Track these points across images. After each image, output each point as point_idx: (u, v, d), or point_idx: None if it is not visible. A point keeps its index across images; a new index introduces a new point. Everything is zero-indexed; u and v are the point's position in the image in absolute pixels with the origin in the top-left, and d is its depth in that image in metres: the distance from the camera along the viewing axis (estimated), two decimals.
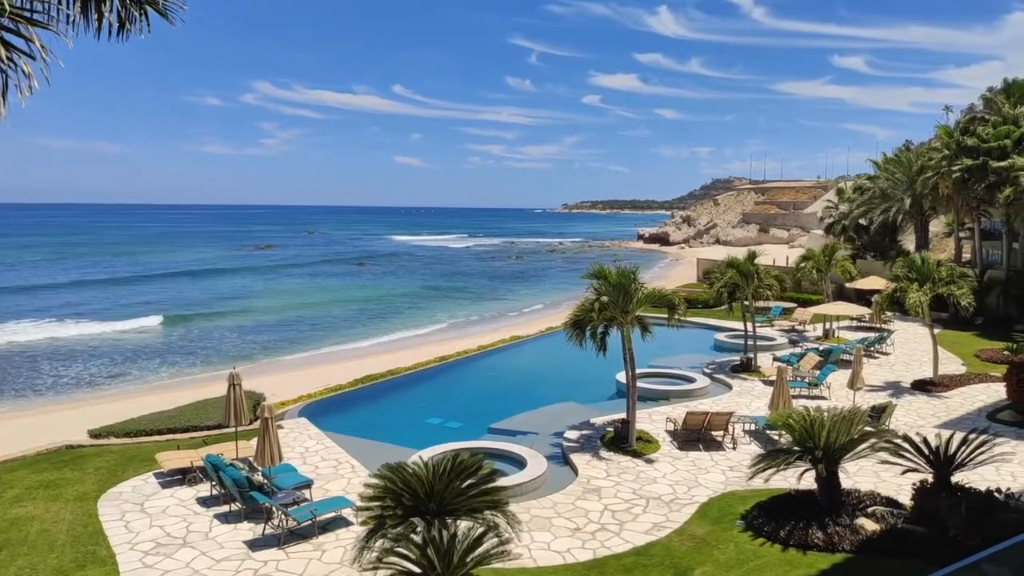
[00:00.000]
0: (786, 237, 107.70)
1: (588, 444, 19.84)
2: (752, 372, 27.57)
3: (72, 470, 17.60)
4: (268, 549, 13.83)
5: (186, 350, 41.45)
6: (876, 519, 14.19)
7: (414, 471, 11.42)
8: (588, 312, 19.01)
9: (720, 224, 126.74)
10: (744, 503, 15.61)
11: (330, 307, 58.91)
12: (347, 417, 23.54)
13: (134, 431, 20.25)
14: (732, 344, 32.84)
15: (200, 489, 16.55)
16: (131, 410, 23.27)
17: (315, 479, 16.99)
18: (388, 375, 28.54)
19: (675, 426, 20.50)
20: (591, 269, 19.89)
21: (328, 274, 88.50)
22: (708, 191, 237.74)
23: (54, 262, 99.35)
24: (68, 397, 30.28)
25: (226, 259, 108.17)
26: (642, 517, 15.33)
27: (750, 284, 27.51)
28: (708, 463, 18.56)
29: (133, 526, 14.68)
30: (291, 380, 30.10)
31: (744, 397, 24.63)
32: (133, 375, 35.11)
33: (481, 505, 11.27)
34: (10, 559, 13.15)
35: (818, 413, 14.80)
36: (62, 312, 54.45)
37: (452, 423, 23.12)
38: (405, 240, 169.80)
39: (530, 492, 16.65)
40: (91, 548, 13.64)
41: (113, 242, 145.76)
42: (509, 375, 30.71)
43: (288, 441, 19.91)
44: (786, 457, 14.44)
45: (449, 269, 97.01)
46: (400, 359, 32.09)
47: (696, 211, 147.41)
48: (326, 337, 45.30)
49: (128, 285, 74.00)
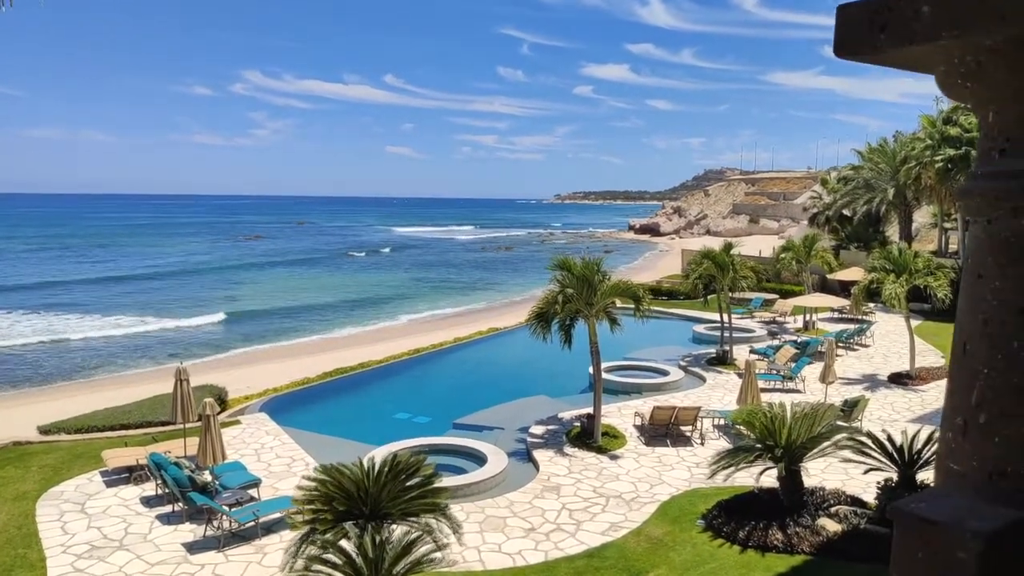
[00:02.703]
0: (776, 228, 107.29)
1: (553, 440, 19.34)
2: (727, 365, 27.12)
3: (16, 468, 17.00)
4: (208, 552, 13.30)
5: (161, 340, 40.84)
6: (839, 519, 13.74)
7: (349, 473, 10.89)
8: (552, 305, 18.47)
9: (711, 215, 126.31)
10: (706, 501, 15.14)
11: (313, 298, 58.29)
12: (311, 412, 22.97)
13: (85, 427, 19.63)
14: (710, 336, 32.36)
15: (146, 488, 15.98)
16: (95, 404, 22.69)
17: (266, 477, 16.47)
18: (359, 368, 27.97)
19: (643, 421, 20.02)
20: (554, 260, 19.35)
21: (314, 264, 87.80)
22: (700, 182, 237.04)
23: (34, 253, 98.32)
24: (23, 392, 29.64)
25: (212, 249, 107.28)
26: (600, 516, 14.84)
27: (726, 275, 26.99)
28: (674, 459, 18.09)
29: (70, 527, 14.12)
30: (263, 373, 29.49)
31: (717, 391, 24.17)
32: (104, 369, 34.52)
33: (417, 508, 10.74)
34: None
35: (780, 410, 14.33)
36: (39, 304, 53.71)
37: (421, 418, 22.62)
38: (395, 230, 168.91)
39: (488, 490, 16.16)
40: (22, 551, 13.07)
41: (98, 233, 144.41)
42: (483, 368, 30.20)
43: (244, 437, 19.37)
44: (746, 455, 13.97)
45: (438, 259, 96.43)
46: (376, 351, 31.53)
47: (687, 202, 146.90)
48: (305, 329, 44.75)
49: (113, 278, 73.17)
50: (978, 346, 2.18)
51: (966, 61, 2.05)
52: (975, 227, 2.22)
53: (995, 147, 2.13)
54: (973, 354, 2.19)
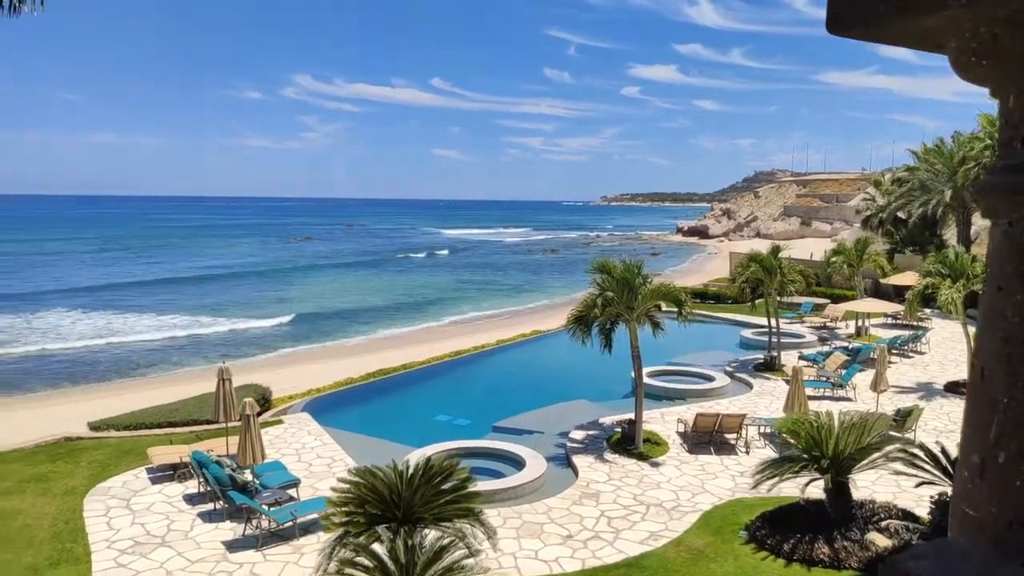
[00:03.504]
0: (828, 231, 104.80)
1: (593, 445, 19.07)
2: (775, 371, 26.44)
3: (66, 463, 17.44)
4: (247, 551, 13.41)
5: (212, 340, 41.74)
6: (890, 534, 13.21)
7: (383, 475, 10.84)
8: (591, 308, 18.22)
9: (761, 217, 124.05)
10: (750, 512, 14.72)
11: (361, 299, 58.96)
12: (353, 413, 23.12)
13: (133, 424, 20.08)
14: (758, 341, 31.65)
15: (189, 486, 16.23)
16: (145, 402, 23.19)
17: (306, 478, 16.57)
18: (402, 369, 28.07)
19: (686, 428, 19.61)
20: (594, 263, 19.08)
21: (362, 266, 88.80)
22: (750, 183, 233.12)
23: (95, 254, 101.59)
24: (79, 389, 30.54)
25: (263, 251, 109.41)
26: (640, 525, 14.54)
27: (773, 279, 26.33)
28: (717, 467, 17.66)
29: (115, 523, 14.40)
30: (308, 372, 29.84)
31: (764, 398, 23.57)
32: (156, 367, 35.40)
33: (450, 513, 10.64)
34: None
35: (828, 419, 13.84)
36: (99, 304, 55.41)
37: (461, 420, 22.56)
38: (443, 232, 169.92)
39: (525, 495, 15.98)
40: (69, 545, 13.36)
41: (155, 235, 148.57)
42: (524, 371, 30.04)
43: (286, 437, 19.56)
44: (791, 465, 13.51)
45: (483, 261, 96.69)
46: (419, 352, 31.62)
47: (737, 204, 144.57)
48: (351, 329, 45.30)
49: (169, 280, 75.11)
50: (996, 371, 1.83)
51: (979, 34, 1.74)
52: (995, 230, 1.88)
53: (1017, 135, 1.79)
54: (991, 381, 1.86)
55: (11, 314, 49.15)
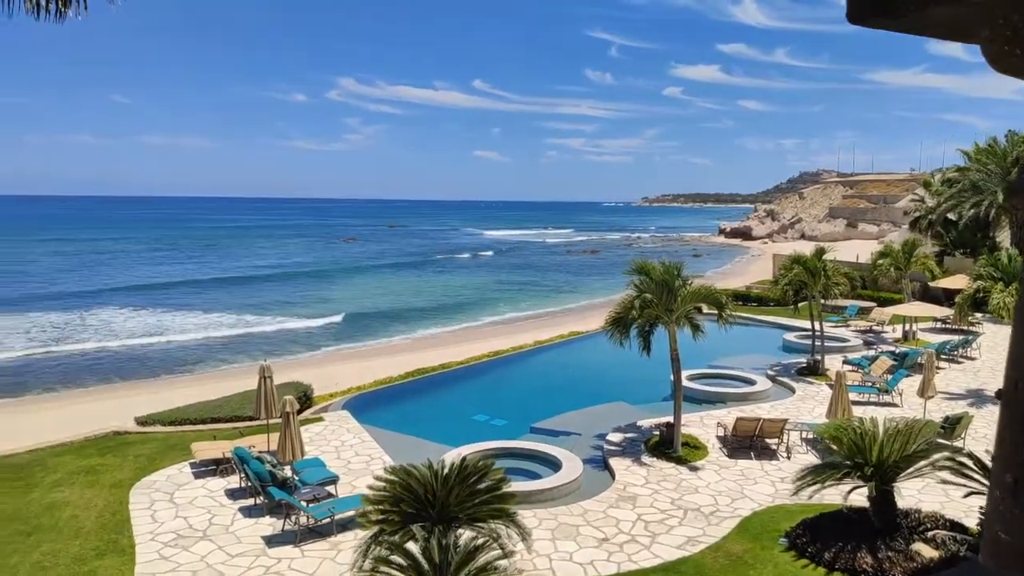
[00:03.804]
0: (875, 233, 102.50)
1: (631, 448, 18.92)
2: (819, 375, 25.91)
3: (114, 456, 17.91)
4: (285, 546, 13.60)
5: (258, 338, 42.52)
6: (936, 545, 12.84)
7: (418, 474, 10.89)
8: (629, 310, 18.07)
9: (806, 218, 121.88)
10: (790, 519, 14.45)
11: (402, 299, 59.53)
12: (392, 411, 23.30)
13: (179, 419, 20.53)
14: (801, 345, 31.06)
15: (231, 481, 16.54)
16: (191, 398, 23.68)
17: (345, 475, 16.74)
18: (440, 369, 28.21)
19: (725, 432, 19.34)
20: (633, 264, 18.93)
21: (404, 266, 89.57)
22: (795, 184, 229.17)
23: (147, 254, 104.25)
24: (129, 384, 31.35)
25: (309, 251, 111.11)
26: (677, 530, 14.38)
27: (817, 282, 25.81)
28: (757, 473, 17.37)
29: (159, 516, 14.74)
30: (349, 371, 30.20)
31: (807, 402, 23.12)
32: (203, 364, 36.21)
33: (485, 513, 10.64)
34: (36, 544, 13.35)
35: (872, 425, 13.51)
36: (151, 303, 56.86)
37: (498, 421, 22.56)
38: (483, 233, 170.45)
39: (561, 497, 15.92)
40: (114, 537, 13.72)
41: (204, 235, 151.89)
42: (562, 372, 29.94)
43: (326, 435, 19.80)
44: (834, 472, 13.22)
45: (523, 262, 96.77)
46: (458, 352, 31.77)
47: (781, 205, 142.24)
48: (392, 329, 45.78)
49: (217, 279, 76.72)
50: None
51: (1013, 22, 1.63)
52: None
53: None
54: None
55: (67, 311, 50.74)
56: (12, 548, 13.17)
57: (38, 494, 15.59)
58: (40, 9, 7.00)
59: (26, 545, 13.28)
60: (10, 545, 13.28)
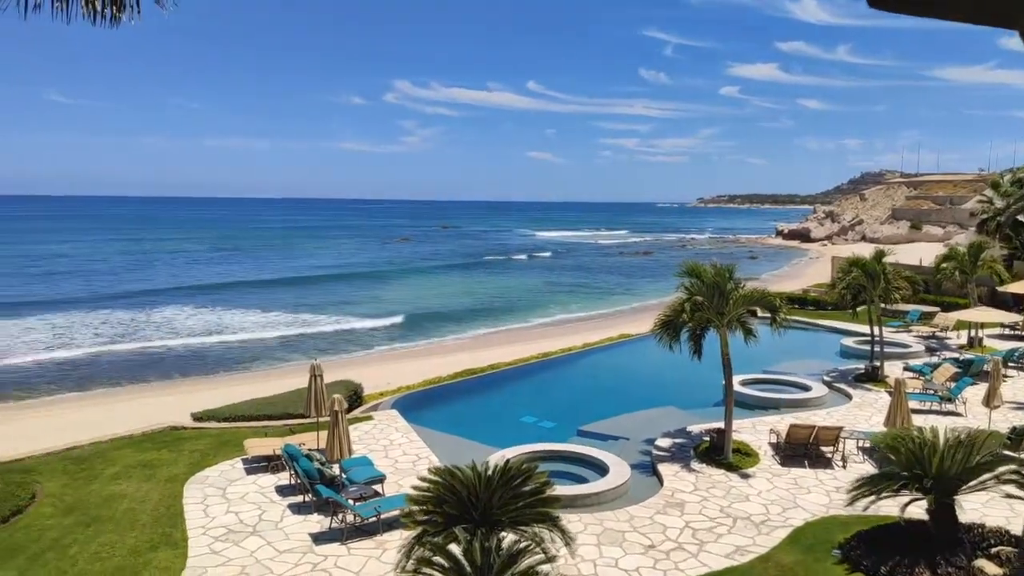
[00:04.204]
0: (941, 235, 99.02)
1: (680, 453, 18.61)
2: (878, 382, 25.06)
3: (170, 451, 18.40)
4: (332, 544, 13.76)
5: (313, 337, 43.32)
6: (1000, 561, 12.27)
7: (462, 476, 10.88)
8: (679, 313, 17.77)
9: (867, 220, 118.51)
10: (845, 530, 14.00)
11: (454, 299, 59.92)
12: (440, 411, 23.40)
13: (232, 416, 20.97)
14: (860, 350, 30.15)
15: (281, 477, 16.82)
16: (245, 395, 24.19)
17: (392, 474, 16.86)
18: (489, 370, 28.24)
19: (778, 439, 18.86)
20: (683, 266, 18.60)
21: (456, 267, 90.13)
22: (856, 185, 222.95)
23: (208, 254, 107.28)
24: (188, 380, 32.25)
25: (364, 252, 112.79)
26: (725, 538, 14.06)
27: (877, 285, 24.97)
28: (811, 482, 16.89)
29: (211, 511, 15.07)
30: (400, 370, 30.51)
31: (864, 410, 22.40)
32: (260, 362, 37.05)
33: (528, 517, 10.56)
34: (94, 535, 13.79)
35: (932, 435, 12.98)
36: (211, 302, 58.50)
37: (546, 423, 22.45)
38: (536, 234, 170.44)
39: (608, 502, 15.75)
40: (168, 530, 14.07)
41: (263, 236, 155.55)
42: (612, 374, 29.67)
43: (374, 433, 20.00)
44: (890, 484, 12.75)
45: (575, 263, 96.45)
46: (507, 353, 31.77)
47: (841, 206, 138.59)
48: (443, 329, 46.11)
49: (275, 280, 78.50)
50: None
51: None
52: None
53: None
54: None
55: (132, 309, 52.50)
56: (72, 538, 13.63)
57: (98, 486, 16.12)
58: (96, 14, 7.18)
59: (85, 536, 13.74)
60: (70, 535, 13.75)
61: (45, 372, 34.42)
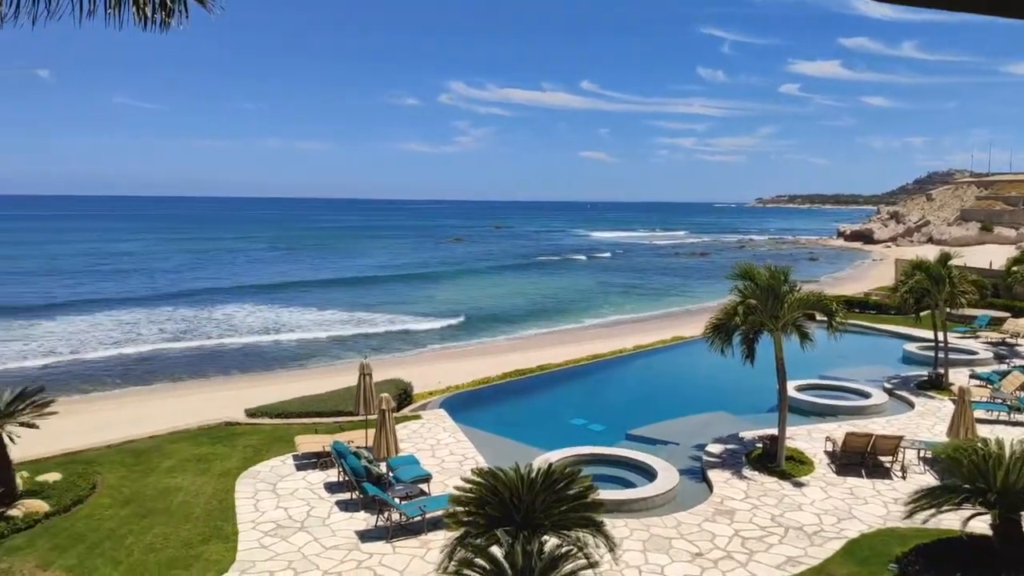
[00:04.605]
0: (1013, 237, 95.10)
1: (731, 460, 18.20)
2: (942, 390, 24.11)
3: (224, 446, 18.82)
4: (377, 541, 13.86)
5: (366, 335, 43.94)
6: None
7: (505, 477, 10.81)
8: (732, 316, 17.37)
9: (934, 221, 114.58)
10: (903, 544, 13.48)
11: (506, 299, 60.07)
12: (488, 412, 23.40)
13: (285, 412, 21.35)
14: (923, 356, 29.07)
15: (330, 474, 17.04)
16: (298, 391, 24.63)
17: (438, 473, 16.92)
18: (538, 371, 28.13)
19: (834, 447, 18.29)
20: (736, 268, 18.18)
21: (508, 267, 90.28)
22: (922, 185, 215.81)
23: (265, 253, 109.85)
24: (246, 376, 33.03)
25: (417, 251, 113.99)
26: (776, 548, 13.68)
27: (942, 289, 24.02)
28: (868, 492, 16.33)
29: (261, 505, 15.35)
30: (450, 370, 30.66)
31: (926, 419, 21.58)
32: (314, 360, 37.76)
33: (571, 521, 10.44)
34: (149, 527, 14.18)
35: (997, 447, 12.38)
36: (269, 300, 59.92)
37: (595, 426, 22.27)
38: (588, 234, 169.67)
39: (655, 508, 15.48)
40: (220, 524, 14.38)
41: (318, 236, 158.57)
42: (663, 378, 29.27)
43: (422, 432, 20.11)
44: (951, 497, 12.20)
45: (629, 264, 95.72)
46: (558, 354, 31.59)
47: (906, 207, 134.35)
48: (496, 329, 46.31)
49: (331, 280, 79.93)
50: None
51: None
52: None
53: None
54: None
55: (195, 307, 54.12)
56: (127, 529, 14.04)
57: (154, 479, 16.58)
58: (147, 20, 7.33)
59: (140, 527, 14.13)
60: (126, 526, 14.16)
61: (112, 367, 35.69)
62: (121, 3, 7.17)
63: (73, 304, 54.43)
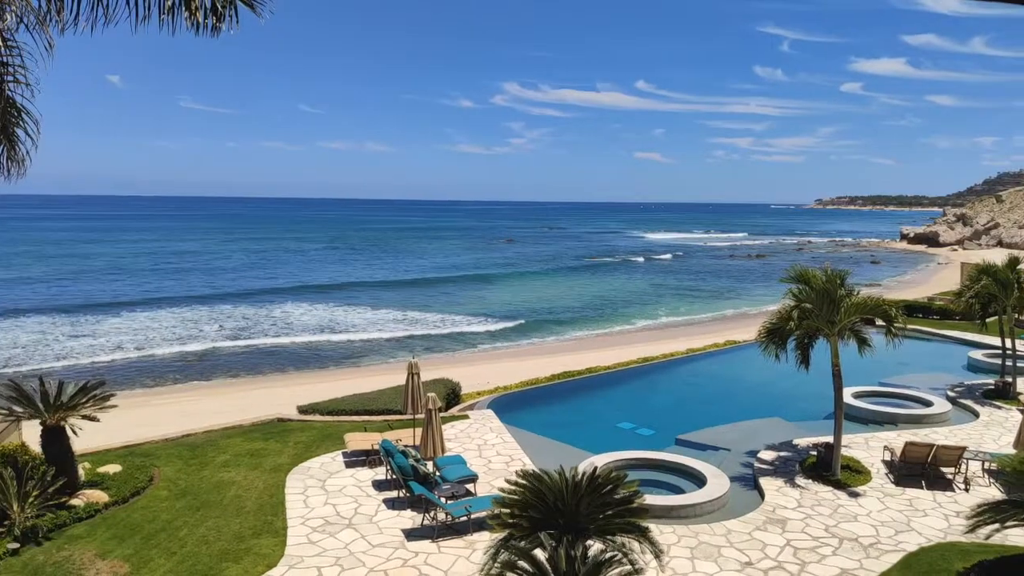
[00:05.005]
0: None
1: (784, 468, 17.76)
2: (1009, 400, 23.13)
3: (276, 442, 19.18)
4: (423, 540, 13.92)
5: (418, 335, 44.40)
6: None
7: (549, 480, 10.74)
8: (786, 321, 16.94)
9: (1004, 224, 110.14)
10: (965, 559, 12.96)
11: (557, 300, 59.99)
12: (536, 413, 23.32)
13: (335, 409, 21.66)
14: (990, 364, 27.93)
15: (378, 472, 17.22)
16: (349, 389, 24.98)
17: (484, 474, 16.93)
18: (587, 373, 27.95)
19: (893, 456, 17.69)
20: (790, 271, 17.72)
21: (559, 268, 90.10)
22: (992, 186, 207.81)
23: (325, 253, 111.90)
24: (302, 373, 33.67)
25: (470, 252, 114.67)
26: (829, 559, 13.28)
27: (1010, 295, 23.01)
28: (928, 504, 15.73)
29: (311, 501, 15.58)
30: (499, 370, 30.77)
31: (992, 429, 20.70)
32: (367, 358, 38.33)
33: (615, 527, 10.30)
34: (203, 519, 14.53)
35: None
36: (326, 299, 60.98)
37: (644, 430, 21.99)
38: (642, 236, 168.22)
39: (704, 515, 15.19)
40: (270, 518, 14.64)
41: (376, 236, 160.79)
42: (715, 382, 28.71)
43: (470, 432, 20.16)
44: (1016, 511, 11.66)
45: (682, 266, 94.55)
46: (608, 357, 31.38)
47: (974, 208, 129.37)
48: (546, 330, 46.31)
49: (387, 280, 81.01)
50: None
51: None
52: None
53: None
54: None
55: (253, 306, 55.49)
56: (182, 521, 14.41)
57: (208, 472, 17.00)
58: (199, 25, 7.51)
59: (194, 519, 14.50)
60: (181, 518, 14.55)
61: (173, 363, 36.84)
62: (174, 9, 7.37)
63: (138, 302, 56.36)
